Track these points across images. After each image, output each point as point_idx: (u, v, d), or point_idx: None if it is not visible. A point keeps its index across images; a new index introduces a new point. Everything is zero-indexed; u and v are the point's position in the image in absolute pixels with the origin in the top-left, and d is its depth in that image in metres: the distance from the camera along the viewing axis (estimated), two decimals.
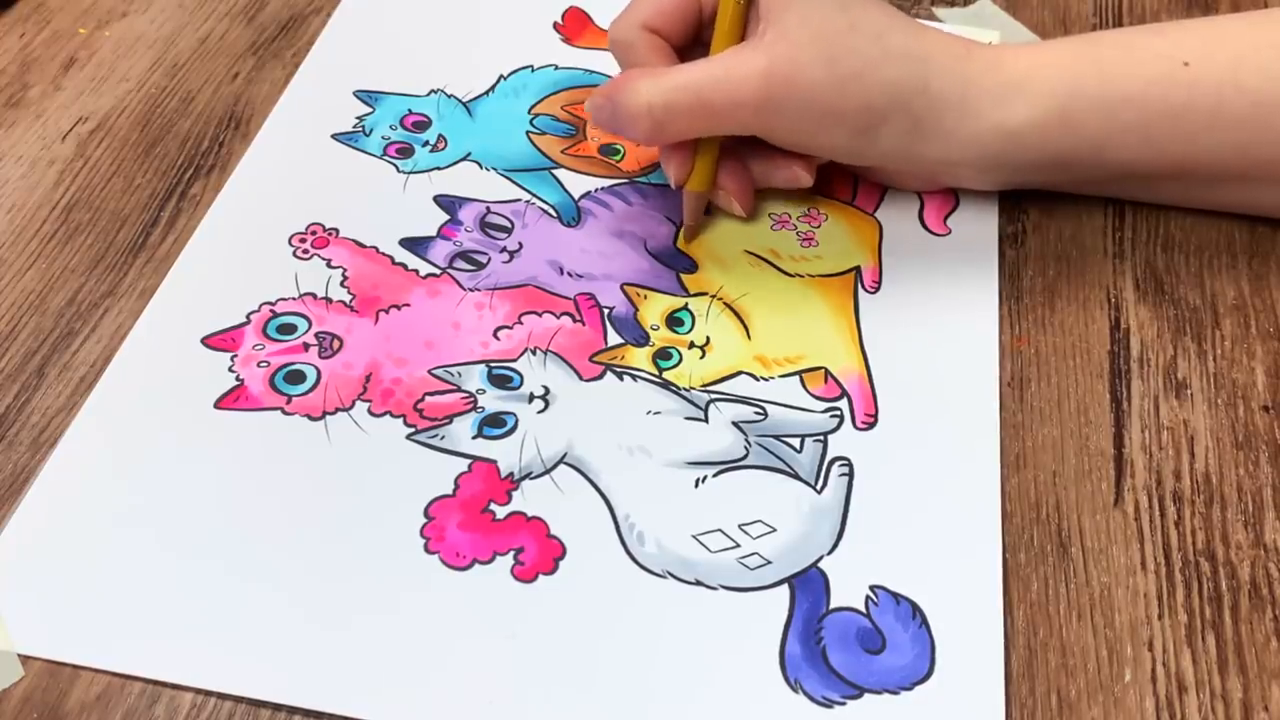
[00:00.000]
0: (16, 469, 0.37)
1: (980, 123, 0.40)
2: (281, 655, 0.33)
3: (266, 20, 0.52)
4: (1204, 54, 0.40)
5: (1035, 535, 0.36)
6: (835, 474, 0.37)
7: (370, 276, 0.42)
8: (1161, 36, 0.41)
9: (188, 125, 0.48)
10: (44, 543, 0.35)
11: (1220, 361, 0.41)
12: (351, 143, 0.47)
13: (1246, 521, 0.36)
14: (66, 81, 0.49)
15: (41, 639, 0.33)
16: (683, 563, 0.35)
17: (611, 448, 0.38)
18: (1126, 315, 0.42)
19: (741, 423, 0.38)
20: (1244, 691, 0.33)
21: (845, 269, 0.43)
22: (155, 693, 0.32)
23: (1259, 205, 0.44)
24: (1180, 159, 0.41)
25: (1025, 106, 0.39)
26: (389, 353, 0.40)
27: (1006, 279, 0.43)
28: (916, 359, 0.40)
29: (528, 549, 0.35)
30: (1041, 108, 0.40)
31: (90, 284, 0.42)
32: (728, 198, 0.43)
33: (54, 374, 0.39)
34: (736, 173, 0.43)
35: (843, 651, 0.33)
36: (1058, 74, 0.40)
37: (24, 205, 0.45)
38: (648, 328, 0.41)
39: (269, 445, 0.37)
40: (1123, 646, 0.34)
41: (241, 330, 0.40)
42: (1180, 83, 0.39)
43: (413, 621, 0.34)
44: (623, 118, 0.39)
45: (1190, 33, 0.41)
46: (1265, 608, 0.35)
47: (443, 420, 0.38)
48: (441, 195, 0.45)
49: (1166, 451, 0.38)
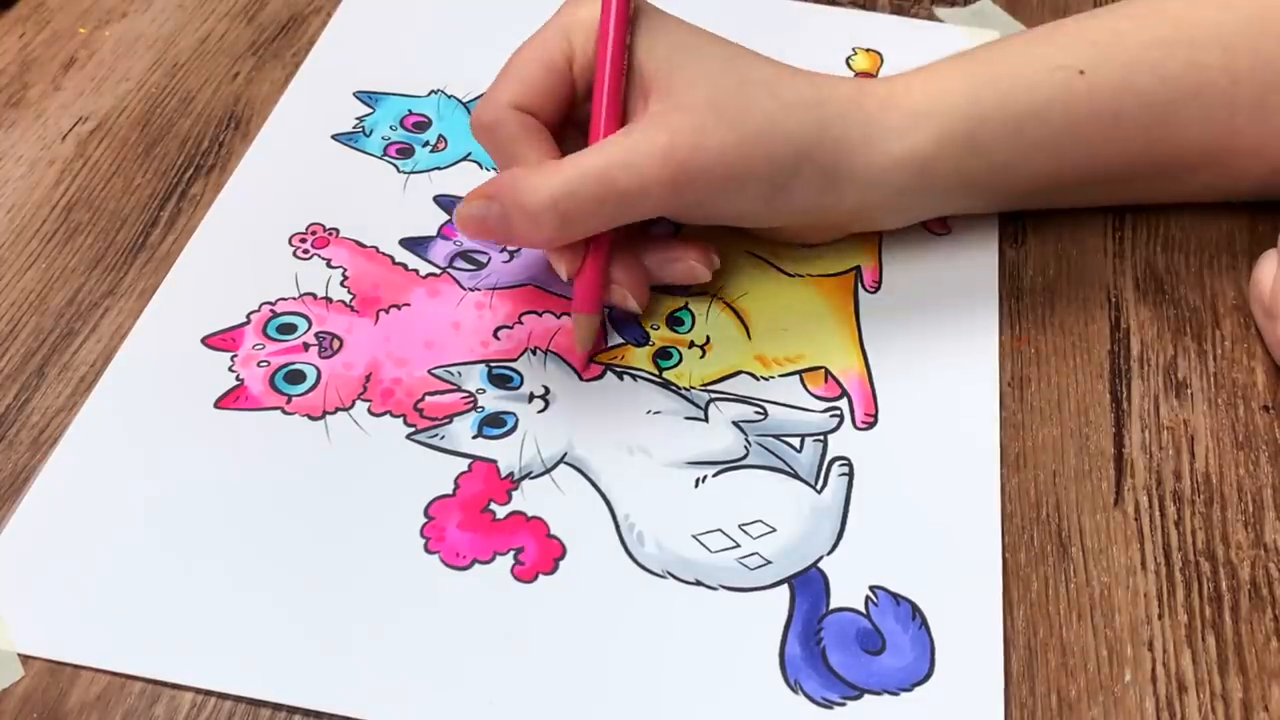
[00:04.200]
0: (16, 469, 0.37)
1: (888, 160, 0.38)
2: (281, 655, 0.33)
3: (266, 20, 0.52)
4: (1098, 59, 0.39)
5: (1035, 535, 0.36)
6: (835, 474, 0.37)
7: (370, 276, 0.42)
8: (1052, 44, 0.40)
9: (188, 125, 0.48)
10: (44, 543, 0.35)
11: (1220, 361, 0.41)
12: (351, 143, 0.47)
13: (1246, 521, 0.36)
14: (66, 81, 0.49)
15: (41, 639, 0.33)
16: (683, 563, 0.35)
17: (611, 447, 0.38)
18: (1126, 315, 0.42)
19: (741, 422, 0.38)
20: (1244, 691, 0.33)
21: (845, 269, 0.43)
22: (155, 693, 0.32)
23: (1151, 198, 0.44)
24: (1087, 167, 0.41)
25: (931, 136, 0.38)
26: (389, 352, 0.40)
27: (1006, 279, 0.43)
28: (916, 359, 0.40)
29: (528, 549, 0.35)
30: (947, 135, 0.39)
31: (90, 284, 0.42)
32: (622, 293, 0.39)
33: (54, 374, 0.39)
34: (630, 266, 0.39)
35: (842, 652, 0.33)
36: (957, 100, 0.39)
37: (24, 205, 0.45)
38: (648, 327, 0.41)
39: (269, 445, 0.37)
40: (1123, 646, 0.34)
41: (241, 330, 0.40)
42: (1079, 93, 0.39)
43: (413, 621, 0.34)
44: (519, 220, 0.35)
45: (1080, 36, 0.40)
46: (1265, 608, 0.35)
47: (443, 420, 0.38)
48: (441, 195, 0.45)
49: (1166, 451, 0.38)
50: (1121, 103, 0.39)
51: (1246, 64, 0.39)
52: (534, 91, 0.38)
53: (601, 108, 0.37)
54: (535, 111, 0.38)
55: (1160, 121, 0.40)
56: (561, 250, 0.38)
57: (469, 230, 0.37)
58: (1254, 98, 0.40)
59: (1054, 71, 0.39)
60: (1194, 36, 0.40)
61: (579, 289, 0.38)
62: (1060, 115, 0.39)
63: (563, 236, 0.36)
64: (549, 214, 0.35)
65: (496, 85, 0.38)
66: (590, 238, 0.37)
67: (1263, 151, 0.41)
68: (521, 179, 0.36)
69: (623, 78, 0.37)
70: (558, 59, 0.38)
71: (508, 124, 0.37)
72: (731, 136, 0.36)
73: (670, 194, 0.36)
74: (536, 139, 0.37)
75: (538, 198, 0.35)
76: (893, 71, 0.42)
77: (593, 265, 0.38)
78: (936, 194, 0.41)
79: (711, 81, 0.37)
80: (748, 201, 0.38)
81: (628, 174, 0.35)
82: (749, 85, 0.37)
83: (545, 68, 0.38)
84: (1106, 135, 0.40)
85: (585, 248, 0.38)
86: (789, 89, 0.38)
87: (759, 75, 0.38)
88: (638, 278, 0.39)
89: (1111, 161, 0.41)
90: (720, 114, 0.36)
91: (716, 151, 0.36)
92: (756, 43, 0.39)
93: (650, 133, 0.36)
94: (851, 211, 0.40)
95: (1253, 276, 0.41)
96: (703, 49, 0.38)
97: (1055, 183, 0.41)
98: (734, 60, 0.38)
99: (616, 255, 0.39)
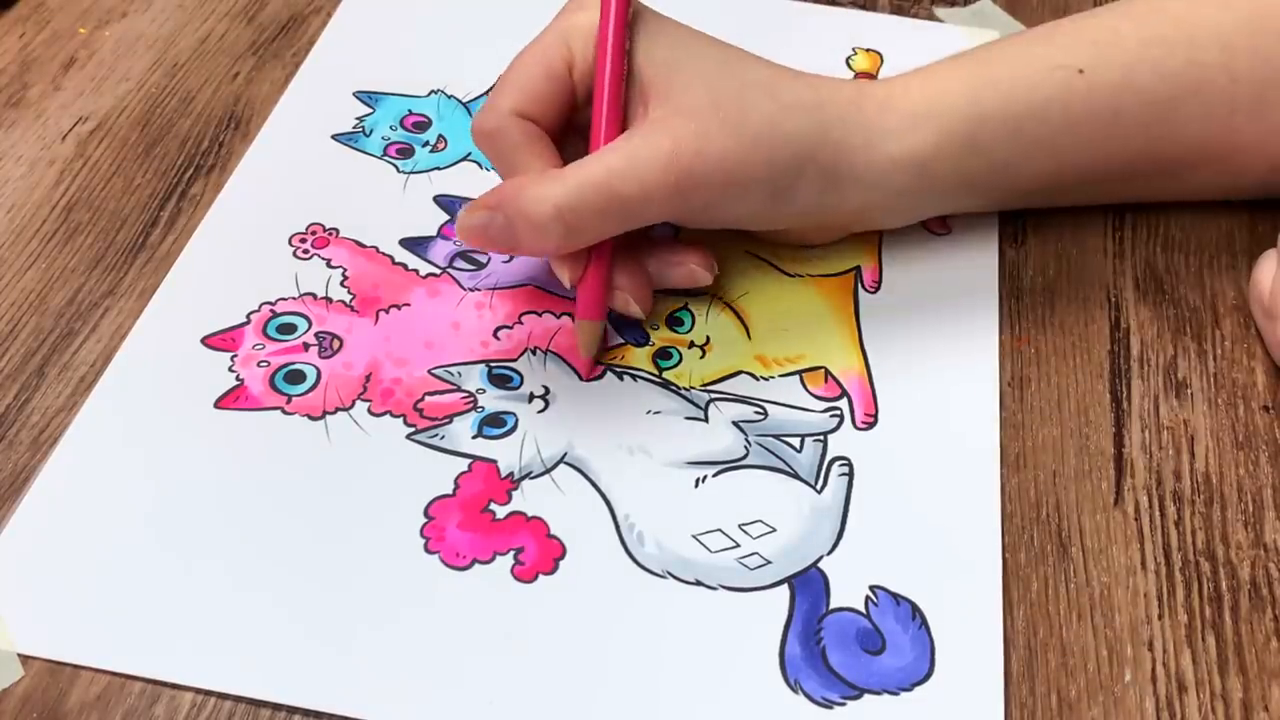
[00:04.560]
0: (16, 469, 0.37)
1: (888, 161, 0.38)
2: (281, 655, 0.33)
3: (266, 20, 0.52)
4: (1097, 58, 0.39)
5: (1035, 535, 0.36)
6: (835, 474, 0.37)
7: (370, 276, 0.42)
8: (1051, 44, 0.40)
9: (188, 125, 0.48)
10: (44, 543, 0.35)
11: (1220, 361, 0.41)
12: (351, 143, 0.47)
13: (1246, 521, 0.36)
14: (66, 81, 0.49)
15: (41, 639, 0.33)
16: (683, 563, 0.35)
17: (611, 447, 0.38)
18: (1126, 315, 0.42)
19: (741, 422, 0.38)
20: (1244, 691, 0.33)
21: (845, 269, 0.43)
22: (155, 693, 0.32)
23: (1151, 196, 0.44)
24: (1087, 165, 0.41)
25: (931, 137, 0.38)
26: (389, 352, 0.40)
27: (1006, 279, 0.43)
28: (916, 359, 0.40)
29: (528, 549, 0.35)
30: (947, 135, 0.39)
31: (90, 284, 0.42)
32: (625, 298, 0.39)
33: (54, 374, 0.39)
34: (633, 271, 0.39)
35: (842, 652, 0.33)
36: (957, 101, 0.39)
37: (24, 205, 0.45)
38: (647, 328, 0.41)
39: (269, 445, 0.37)
40: (1123, 646, 0.34)
41: (241, 330, 0.40)
42: (1078, 92, 0.39)
43: (413, 621, 0.34)
44: (524, 229, 0.35)
45: (1079, 36, 0.40)
46: (1265, 608, 0.35)
47: (443, 420, 0.38)
48: (441, 195, 0.45)
49: (1166, 451, 0.38)
50: (1121, 101, 0.39)
51: (1246, 62, 0.40)
52: (535, 98, 0.37)
53: (602, 113, 0.37)
54: (536, 118, 0.38)
55: (1160, 119, 0.40)
56: (564, 258, 0.37)
57: (472, 240, 0.37)
58: (1253, 95, 0.40)
59: (1053, 71, 0.39)
60: (1193, 35, 0.40)
61: (582, 296, 0.38)
62: (1060, 114, 0.39)
63: (567, 245, 0.36)
64: (554, 224, 0.35)
65: (497, 92, 0.38)
66: (592, 245, 0.37)
67: (1263, 149, 0.41)
68: (525, 189, 0.35)
69: (622, 83, 0.37)
70: (558, 65, 0.38)
71: (509, 131, 0.37)
72: (735, 139, 0.36)
73: (674, 200, 0.36)
74: (538, 146, 0.37)
75: (542, 208, 0.35)
76: (893, 72, 0.42)
77: (595, 272, 0.38)
78: (937, 194, 0.41)
79: (711, 85, 0.37)
80: (750, 205, 0.38)
81: (631, 181, 0.35)
82: (748, 88, 0.37)
83: (545, 74, 0.38)
84: (1107, 133, 0.40)
85: (588, 255, 0.38)
86: (788, 91, 0.38)
87: (758, 78, 0.38)
88: (640, 283, 0.39)
89: (1112, 159, 0.41)
90: (723, 117, 0.36)
91: (719, 155, 0.36)
92: (756, 43, 0.39)
93: (652, 139, 0.36)
94: (853, 212, 0.40)
95: (1252, 277, 0.41)
96: (701, 52, 0.38)
97: (1056, 181, 0.41)
98: (733, 63, 0.38)
99: (619, 261, 0.39)
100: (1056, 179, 0.41)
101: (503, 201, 0.36)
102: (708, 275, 0.40)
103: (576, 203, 0.35)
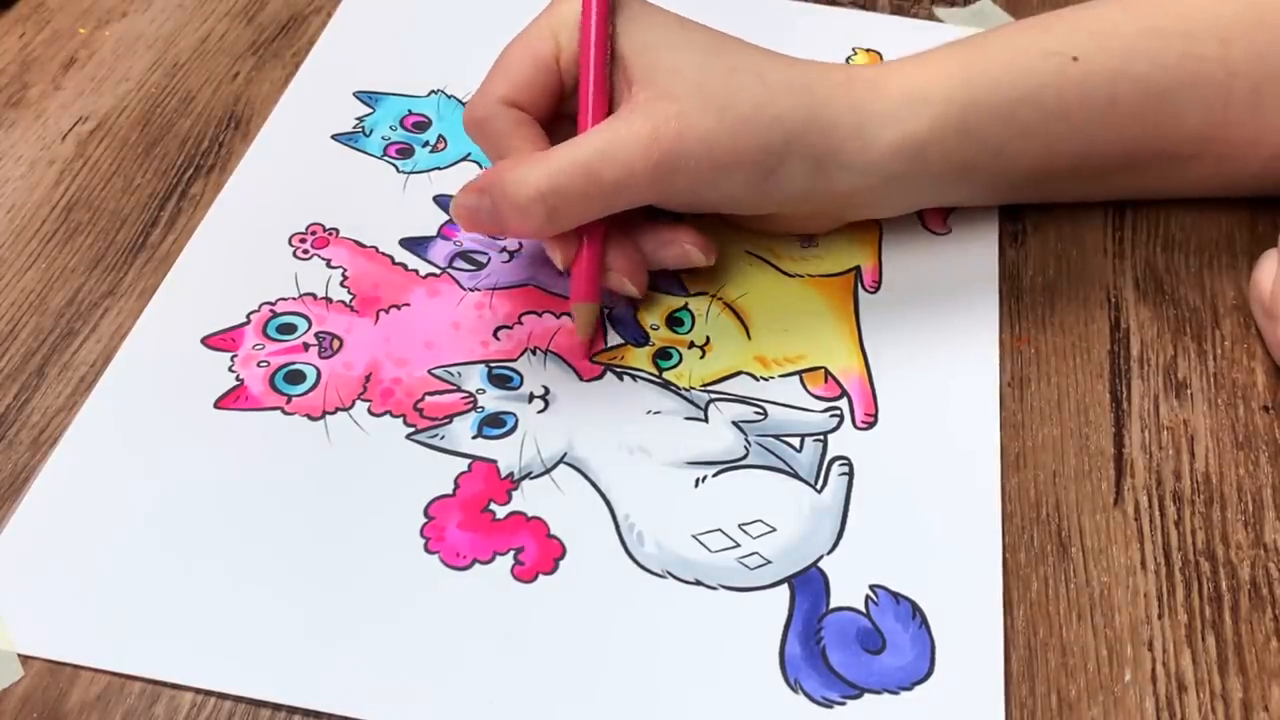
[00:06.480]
0: (16, 469, 0.37)
1: (880, 145, 0.38)
2: (281, 655, 0.33)
3: (266, 20, 0.52)
4: (1092, 46, 0.40)
5: (1035, 535, 0.36)
6: (835, 473, 0.37)
7: (370, 276, 0.42)
8: (1046, 31, 0.40)
9: (188, 125, 0.48)
10: (44, 543, 0.35)
11: (1220, 361, 0.41)
12: (351, 143, 0.47)
13: (1246, 521, 0.36)
14: (66, 81, 0.49)
15: (41, 639, 0.33)
16: (682, 562, 0.35)
17: (611, 448, 0.38)
18: (1126, 315, 0.42)
19: (741, 422, 0.38)
20: (1244, 691, 0.33)
21: (845, 269, 0.43)
22: (155, 693, 0.32)
23: (1148, 191, 0.44)
24: (1082, 153, 0.41)
25: (924, 122, 0.38)
26: (389, 352, 0.40)
27: (1006, 279, 0.43)
28: (916, 359, 0.40)
29: (528, 549, 0.35)
30: (939, 120, 0.39)
31: (90, 284, 0.42)
32: (619, 278, 0.39)
33: (54, 374, 0.39)
34: (627, 252, 0.39)
35: (842, 651, 0.33)
36: (950, 85, 0.39)
37: (24, 205, 0.45)
38: (647, 327, 0.41)
39: (269, 445, 0.37)
40: (1123, 646, 0.34)
41: (241, 330, 0.40)
42: (1072, 79, 0.39)
43: (413, 621, 0.34)
44: (509, 212, 0.36)
45: (1074, 26, 0.41)
46: (1265, 608, 0.35)
47: (443, 420, 0.38)
48: (441, 195, 0.45)
49: (1166, 451, 0.38)
50: (1116, 88, 0.39)
51: (1242, 56, 0.40)
52: (523, 86, 0.38)
53: (588, 99, 0.38)
54: (525, 106, 0.38)
55: (1155, 109, 0.40)
56: (556, 239, 0.38)
57: (463, 222, 0.38)
58: (1249, 90, 0.40)
59: (1047, 57, 0.39)
60: (1191, 28, 0.40)
61: (576, 277, 0.39)
62: (1053, 100, 0.39)
63: (553, 226, 0.37)
64: (536, 205, 0.36)
65: (487, 82, 0.39)
66: (585, 226, 0.38)
67: (1257, 144, 0.41)
68: (507, 171, 0.36)
69: (607, 68, 0.38)
70: (545, 54, 0.39)
71: (498, 118, 0.38)
72: (717, 122, 0.36)
73: (655, 182, 0.36)
74: (527, 132, 0.38)
75: (524, 190, 0.36)
76: None
77: (588, 253, 0.38)
78: (930, 180, 0.41)
79: (696, 68, 0.37)
80: (736, 187, 0.38)
81: (611, 163, 0.36)
82: (736, 72, 0.37)
83: (533, 63, 0.39)
84: (1100, 121, 0.40)
85: (580, 236, 0.38)
86: (777, 74, 0.38)
87: (746, 62, 0.38)
88: (635, 263, 0.40)
89: (1107, 149, 0.41)
90: (706, 100, 0.36)
91: (700, 138, 0.36)
92: (756, 42, 0.39)
93: (633, 121, 0.36)
94: (844, 198, 0.40)
95: (1253, 277, 0.41)
96: (688, 37, 0.38)
97: (1049, 170, 0.41)
98: (720, 47, 0.38)
99: (613, 241, 0.39)
100: (1049, 167, 0.41)
101: (488, 185, 0.37)
102: (702, 256, 0.40)
103: (558, 184, 0.36)
